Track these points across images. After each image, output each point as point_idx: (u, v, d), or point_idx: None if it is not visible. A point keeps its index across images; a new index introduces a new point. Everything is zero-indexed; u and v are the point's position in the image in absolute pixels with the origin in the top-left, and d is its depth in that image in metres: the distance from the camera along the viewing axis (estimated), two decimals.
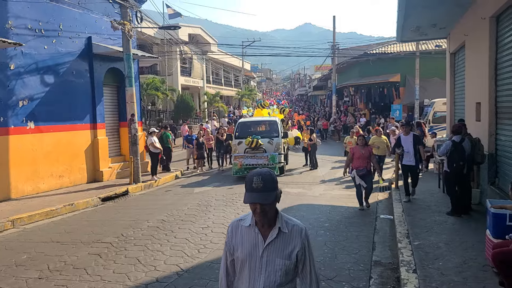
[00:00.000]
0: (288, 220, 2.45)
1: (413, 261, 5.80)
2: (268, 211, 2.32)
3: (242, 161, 14.33)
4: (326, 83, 49.60)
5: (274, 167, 14.26)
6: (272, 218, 2.38)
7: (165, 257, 6.52)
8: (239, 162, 14.33)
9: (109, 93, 15.00)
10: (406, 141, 9.79)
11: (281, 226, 2.39)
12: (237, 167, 14.36)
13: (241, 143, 14.91)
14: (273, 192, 2.30)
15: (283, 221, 2.42)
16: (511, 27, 7.44)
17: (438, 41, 22.58)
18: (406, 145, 9.75)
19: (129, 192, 12.38)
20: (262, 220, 2.35)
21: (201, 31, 40.16)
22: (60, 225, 9.00)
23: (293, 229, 2.41)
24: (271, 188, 2.30)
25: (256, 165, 14.17)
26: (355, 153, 9.55)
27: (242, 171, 14.25)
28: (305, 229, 2.46)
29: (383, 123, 23.88)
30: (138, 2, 14.87)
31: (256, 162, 14.23)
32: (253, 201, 2.28)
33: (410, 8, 9.77)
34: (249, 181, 2.34)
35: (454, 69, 13.39)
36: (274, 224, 2.39)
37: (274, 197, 2.30)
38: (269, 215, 2.34)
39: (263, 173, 2.34)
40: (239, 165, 14.30)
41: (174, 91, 33.36)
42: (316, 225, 8.19)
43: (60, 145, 12.58)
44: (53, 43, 12.37)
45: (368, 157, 9.45)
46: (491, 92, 8.42)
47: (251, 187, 2.31)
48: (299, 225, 2.45)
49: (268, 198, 2.28)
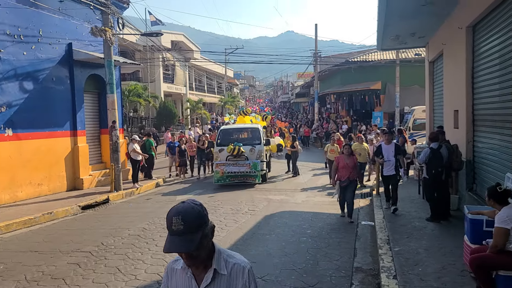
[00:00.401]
0: (229, 257, 2.05)
1: (393, 267, 5.86)
2: (196, 255, 1.93)
3: (224, 168, 14.20)
4: (308, 90, 50.00)
5: (256, 175, 14.19)
6: (207, 258, 2.00)
7: (146, 266, 6.45)
8: (221, 170, 14.20)
9: (90, 100, 14.83)
10: (388, 150, 9.48)
11: (218, 266, 2.00)
12: (218, 175, 14.25)
13: (222, 150, 14.77)
14: (197, 234, 1.88)
15: (222, 259, 2.02)
16: (487, 37, 7.64)
17: (418, 50, 23.03)
18: (387, 154, 9.45)
19: (110, 200, 12.23)
20: (192, 264, 1.98)
21: (184, 38, 40.11)
22: (39, 234, 8.83)
23: (233, 269, 2.02)
24: (195, 229, 1.88)
25: (238, 172, 14.17)
26: (339, 162, 9.22)
27: (224, 179, 14.19)
28: (249, 269, 2.05)
29: (364, 130, 24.14)
30: (119, 9, 14.80)
31: (238, 170, 14.17)
32: (172, 250, 1.87)
33: (389, 17, 9.95)
34: (169, 222, 1.90)
35: (433, 77, 13.65)
36: (211, 265, 2.01)
37: (199, 241, 1.88)
38: (200, 258, 1.96)
39: (184, 211, 1.90)
40: (221, 173, 14.19)
41: (157, 98, 33.18)
42: (299, 232, 8.22)
43: (39, 152, 12.36)
44: (33, 49, 12.20)
45: (353, 167, 9.13)
46: (469, 100, 8.61)
47: (171, 229, 1.89)
48: (241, 264, 2.04)
49: (191, 245, 1.86)
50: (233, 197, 12.09)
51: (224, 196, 12.39)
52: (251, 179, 14.25)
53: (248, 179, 14.26)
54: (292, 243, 7.49)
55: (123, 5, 15.53)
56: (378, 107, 27.74)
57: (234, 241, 7.67)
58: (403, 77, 24.81)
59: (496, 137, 7.25)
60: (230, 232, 8.28)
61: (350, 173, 9.07)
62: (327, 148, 14.88)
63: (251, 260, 6.51)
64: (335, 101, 35.45)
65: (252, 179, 14.25)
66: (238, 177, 14.23)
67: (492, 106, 7.42)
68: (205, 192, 13.32)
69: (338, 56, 35.62)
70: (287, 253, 6.91)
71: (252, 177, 14.22)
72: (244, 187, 13.80)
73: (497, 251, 4.55)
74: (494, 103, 7.30)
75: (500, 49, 6.88)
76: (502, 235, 4.50)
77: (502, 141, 6.91)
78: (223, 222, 9.11)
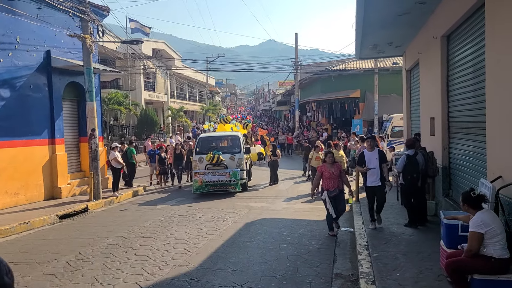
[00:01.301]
0: None
1: (372, 273, 5.92)
2: None
3: (203, 177, 13.94)
4: (289, 98, 50.30)
5: (236, 183, 13.96)
6: None
7: (125, 275, 6.37)
8: (200, 179, 13.93)
9: (69, 108, 14.64)
10: (371, 158, 8.52)
11: None
12: (197, 184, 13.96)
13: (202, 159, 14.52)
14: None
15: None
16: (461, 46, 7.85)
17: (395, 59, 23.46)
18: (371, 162, 8.48)
19: (89, 209, 12.05)
20: None
21: (165, 46, 40.01)
22: (14, 244, 8.63)
23: None
24: None
25: (217, 181, 13.92)
26: (324, 172, 8.57)
27: (203, 188, 13.91)
28: None
29: (344, 137, 24.39)
30: (99, 16, 14.71)
31: (218, 179, 13.94)
32: None
33: (367, 26, 10.13)
34: None
35: (410, 85, 13.92)
36: None
37: None
38: None
39: None
40: (200, 182, 13.92)
41: (138, 106, 32.93)
42: (279, 239, 8.24)
43: (16, 161, 12.13)
44: (9, 56, 12.01)
45: (339, 175, 8.50)
46: (444, 107, 8.81)
47: None
48: None
49: None
50: (214, 205, 12.05)
51: (205, 204, 12.34)
52: (230, 188, 14.01)
53: (228, 188, 14.02)
54: (272, 250, 7.50)
55: (103, 13, 15.43)
56: (358, 115, 28.11)
57: (214, 249, 7.64)
58: (381, 85, 25.24)
59: (470, 143, 7.43)
60: (210, 240, 8.25)
61: (339, 182, 8.47)
62: (311, 155, 14.58)
63: (232, 268, 6.53)
64: (315, 109, 35.76)
65: (231, 188, 14.01)
66: (218, 186, 13.98)
67: (467, 114, 7.61)
68: (187, 200, 13.26)
69: (318, 65, 35.99)
70: (267, 260, 6.92)
71: (232, 186, 13.99)
72: (225, 195, 13.73)
73: (471, 255, 4.65)
74: (468, 110, 7.49)
75: (474, 58, 7.08)
76: (476, 239, 4.60)
77: (476, 148, 7.08)
78: (203, 230, 9.07)
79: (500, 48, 5.62)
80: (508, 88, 5.36)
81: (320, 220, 9.85)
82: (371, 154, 8.58)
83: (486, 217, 4.63)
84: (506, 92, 5.43)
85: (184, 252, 7.45)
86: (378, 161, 8.46)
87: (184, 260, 7.00)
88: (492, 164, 6.00)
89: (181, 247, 7.81)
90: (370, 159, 8.52)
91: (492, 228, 4.53)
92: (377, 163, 8.44)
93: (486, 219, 4.59)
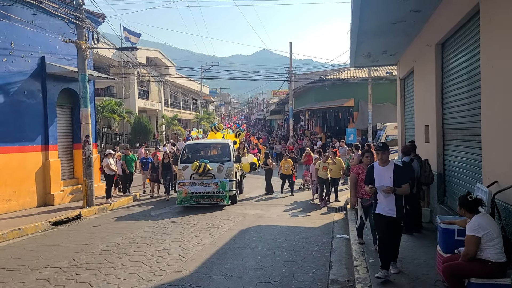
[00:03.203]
0: None
1: (368, 278, 5.90)
2: None
3: (188, 188, 12.72)
4: (283, 107, 50.45)
5: (224, 195, 12.76)
6: None
7: (119, 281, 6.30)
8: (185, 190, 12.70)
9: (62, 114, 14.56)
10: (383, 175, 5.99)
11: None
12: (182, 196, 12.71)
13: (187, 168, 13.34)
14: None
15: None
16: (455, 53, 7.93)
17: (389, 68, 23.67)
18: (382, 180, 5.95)
19: (82, 216, 11.93)
20: None
21: (159, 54, 40.11)
22: (6, 250, 8.51)
23: None
24: None
25: (203, 193, 12.76)
26: (360, 174, 7.35)
27: (188, 200, 12.71)
28: None
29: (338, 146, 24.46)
30: (94, 23, 14.72)
31: (204, 190, 12.76)
32: None
33: (362, 35, 10.21)
34: None
35: (404, 93, 14.02)
36: None
37: None
38: None
39: None
40: (184, 193, 12.68)
41: (131, 114, 32.89)
42: (274, 246, 8.20)
43: (8, 167, 12.01)
44: (4, 62, 11.95)
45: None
46: (438, 114, 8.87)
47: None
48: None
49: None
50: (208, 212, 11.98)
51: (198, 211, 12.25)
52: (218, 201, 12.78)
53: (215, 200, 12.80)
54: (267, 257, 7.46)
55: (98, 20, 15.44)
56: (352, 123, 28.22)
57: (209, 255, 7.59)
58: (375, 94, 25.41)
59: (465, 150, 7.47)
60: (205, 247, 8.19)
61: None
62: (318, 165, 13.12)
63: (227, 274, 6.48)
64: (309, 117, 35.87)
65: (219, 200, 12.78)
66: (204, 198, 12.78)
67: (462, 120, 7.66)
68: (179, 208, 13.09)
69: (312, 74, 36.20)
70: (262, 267, 6.88)
71: (220, 198, 12.76)
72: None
73: (468, 259, 4.65)
74: (463, 117, 7.54)
75: (468, 65, 7.15)
76: (473, 243, 4.61)
77: (471, 154, 7.12)
78: (198, 237, 9.01)
79: (495, 55, 5.69)
80: (503, 94, 5.42)
81: (315, 227, 9.85)
82: (383, 170, 6.01)
83: (483, 220, 4.64)
84: (501, 98, 5.48)
85: (178, 258, 7.39)
86: (392, 181, 5.86)
87: (179, 266, 6.94)
88: (488, 170, 6.03)
89: (176, 253, 7.75)
90: (381, 176, 6.00)
91: (489, 231, 4.54)
92: (390, 182, 5.85)
93: (483, 223, 4.60)
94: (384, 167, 6.02)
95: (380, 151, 6.08)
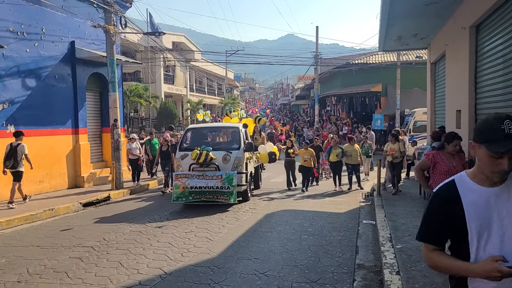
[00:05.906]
0: None
1: (396, 264, 5.86)
2: None
3: (186, 182, 10.47)
4: (308, 92, 50.07)
5: (230, 191, 10.33)
6: None
7: (148, 260, 6.45)
8: (182, 184, 10.46)
9: (91, 98, 14.85)
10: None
11: None
12: (179, 191, 10.46)
13: (186, 156, 11.04)
14: None
15: None
16: (490, 36, 7.67)
17: (419, 52, 23.09)
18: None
19: (111, 198, 12.22)
20: None
21: (185, 39, 40.23)
22: (40, 229, 8.82)
23: None
24: None
25: (204, 187, 10.42)
26: (437, 163, 5.81)
27: (186, 196, 10.44)
28: None
29: (365, 132, 24.18)
30: (122, 8, 14.83)
31: (206, 184, 10.41)
32: None
33: (392, 17, 9.99)
34: None
35: (434, 78, 13.69)
36: None
37: None
38: None
39: None
40: (182, 188, 10.44)
41: (157, 99, 33.24)
42: (300, 230, 8.22)
43: (41, 149, 12.36)
44: (35, 47, 12.22)
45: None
46: (471, 99, 8.64)
47: None
48: None
49: None
50: None
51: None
52: (223, 198, 10.39)
53: (219, 197, 10.41)
54: (293, 241, 7.49)
55: (126, 4, 15.56)
56: (379, 109, 27.79)
57: (235, 238, 7.67)
58: (404, 79, 24.87)
59: None
60: (231, 230, 8.28)
61: None
62: (386, 147, 11.89)
63: (253, 256, 6.54)
64: (335, 103, 35.50)
65: (224, 197, 10.38)
66: (206, 194, 10.43)
67: (496, 106, 7.44)
68: None
69: (339, 58, 35.70)
70: (288, 250, 6.91)
71: (225, 194, 10.36)
72: None
73: None
74: (497, 102, 7.33)
75: (504, 48, 6.91)
76: None
77: None
78: (224, 220, 9.12)
79: None
80: None
81: (341, 213, 9.81)
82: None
83: None
84: None
85: (205, 240, 7.49)
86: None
87: (206, 248, 7.04)
88: None
89: (203, 235, 7.86)
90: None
91: None
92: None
93: None
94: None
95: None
